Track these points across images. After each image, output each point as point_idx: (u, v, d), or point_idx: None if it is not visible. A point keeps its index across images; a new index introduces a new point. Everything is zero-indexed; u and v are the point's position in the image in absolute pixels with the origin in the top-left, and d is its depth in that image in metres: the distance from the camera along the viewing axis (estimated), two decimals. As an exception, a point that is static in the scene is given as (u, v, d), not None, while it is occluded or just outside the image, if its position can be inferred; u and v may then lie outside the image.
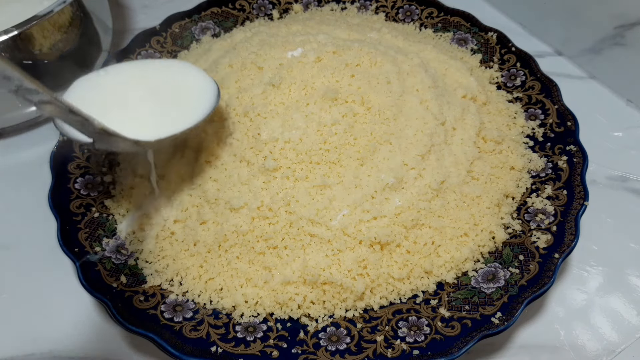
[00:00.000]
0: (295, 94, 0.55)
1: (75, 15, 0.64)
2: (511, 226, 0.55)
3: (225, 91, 0.57)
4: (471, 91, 0.61)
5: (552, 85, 0.63)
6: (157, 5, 0.84)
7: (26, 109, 0.66)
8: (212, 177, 0.53)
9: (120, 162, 0.61)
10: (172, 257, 0.53)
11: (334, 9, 0.74)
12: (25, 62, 0.62)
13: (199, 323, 0.49)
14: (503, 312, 0.48)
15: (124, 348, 0.54)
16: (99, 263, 0.52)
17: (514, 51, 0.66)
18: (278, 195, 0.51)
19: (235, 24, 0.73)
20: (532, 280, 0.49)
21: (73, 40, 0.65)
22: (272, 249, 0.51)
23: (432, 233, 0.52)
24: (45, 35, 0.61)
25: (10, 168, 0.67)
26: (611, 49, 0.70)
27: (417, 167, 0.53)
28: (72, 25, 0.64)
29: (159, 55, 0.70)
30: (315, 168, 0.52)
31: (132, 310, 0.49)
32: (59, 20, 0.61)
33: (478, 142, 0.58)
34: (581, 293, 0.56)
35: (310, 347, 0.48)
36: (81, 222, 0.55)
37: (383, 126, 0.54)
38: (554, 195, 0.55)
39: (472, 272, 0.52)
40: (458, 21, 0.71)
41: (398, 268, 0.51)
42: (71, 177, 0.58)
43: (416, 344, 0.47)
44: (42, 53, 0.62)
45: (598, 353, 0.52)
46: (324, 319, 0.50)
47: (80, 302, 0.56)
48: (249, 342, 0.48)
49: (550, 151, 0.59)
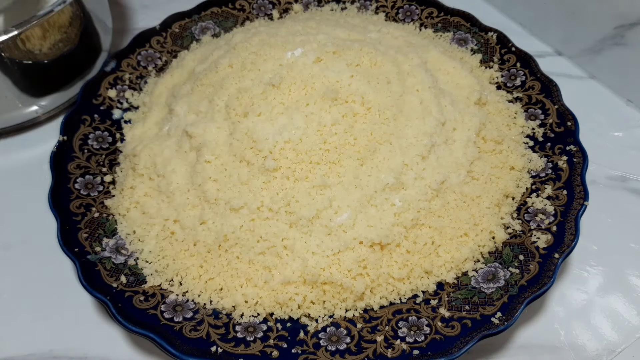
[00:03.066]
0: (295, 94, 0.55)
1: (75, 15, 0.64)
2: (511, 226, 0.55)
3: (225, 91, 0.57)
4: (471, 91, 0.61)
5: (552, 85, 0.63)
6: (157, 5, 0.84)
7: (27, 108, 0.66)
8: (212, 177, 0.53)
9: (121, 162, 0.61)
10: (172, 257, 0.53)
11: (334, 9, 0.74)
12: (25, 62, 0.62)
13: (199, 323, 0.49)
14: (503, 312, 0.48)
15: (124, 348, 0.54)
16: (99, 263, 0.52)
17: (514, 51, 0.66)
18: (278, 196, 0.51)
19: (235, 24, 0.73)
20: (532, 280, 0.49)
21: (73, 40, 0.65)
22: (272, 248, 0.51)
23: (432, 233, 0.52)
24: (45, 36, 0.61)
25: (10, 168, 0.67)
26: (611, 49, 0.70)
27: (417, 167, 0.53)
28: (72, 25, 0.64)
29: (159, 56, 0.70)
30: (315, 168, 0.52)
31: (132, 310, 0.49)
32: (59, 20, 0.61)
33: (478, 142, 0.58)
34: (581, 293, 0.56)
35: (310, 347, 0.48)
36: (81, 222, 0.55)
37: (383, 126, 0.54)
38: (554, 195, 0.55)
39: (472, 272, 0.52)
40: (458, 21, 0.71)
41: (398, 268, 0.51)
42: (71, 177, 0.58)
43: (416, 344, 0.47)
44: (42, 53, 0.62)
45: (598, 353, 0.52)
46: (324, 319, 0.50)
47: (80, 302, 0.56)
48: (249, 342, 0.48)
49: (550, 151, 0.59)
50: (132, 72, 0.68)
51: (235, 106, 0.55)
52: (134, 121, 0.65)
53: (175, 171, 0.55)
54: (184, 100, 0.59)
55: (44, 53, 0.62)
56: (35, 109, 0.67)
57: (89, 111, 0.64)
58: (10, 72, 0.61)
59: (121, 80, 0.67)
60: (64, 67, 0.66)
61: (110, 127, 0.64)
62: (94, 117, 0.64)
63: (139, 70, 0.68)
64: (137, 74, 0.68)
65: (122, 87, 0.67)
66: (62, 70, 0.66)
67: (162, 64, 0.70)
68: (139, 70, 0.68)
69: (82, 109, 0.63)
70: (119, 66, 0.67)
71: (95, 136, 0.62)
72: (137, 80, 0.68)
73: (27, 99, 0.66)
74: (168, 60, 0.70)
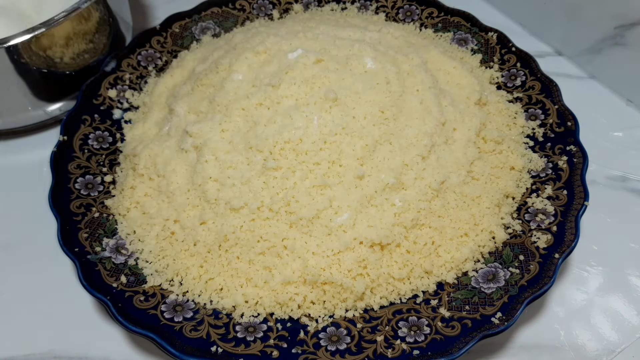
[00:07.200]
0: (295, 95, 0.55)
1: (103, 16, 0.65)
2: (511, 226, 0.55)
3: (226, 91, 0.57)
4: (471, 91, 0.61)
5: (552, 85, 0.63)
6: (157, 5, 0.84)
7: (36, 111, 0.66)
8: (212, 177, 0.53)
9: (121, 162, 0.61)
10: (172, 257, 0.53)
11: (334, 9, 0.74)
12: (51, 69, 0.62)
13: (199, 323, 0.49)
14: (503, 312, 0.48)
15: (124, 348, 0.54)
16: (99, 263, 0.52)
17: (514, 51, 0.66)
18: (278, 195, 0.51)
19: (235, 24, 0.73)
20: (532, 280, 0.49)
21: (101, 50, 0.67)
22: (272, 249, 0.51)
23: (432, 233, 0.52)
24: (68, 43, 0.61)
25: (10, 168, 0.67)
26: (611, 49, 0.70)
27: (417, 167, 0.53)
28: (101, 26, 0.65)
29: (159, 56, 0.70)
30: (315, 168, 0.52)
31: (132, 310, 0.49)
32: (87, 22, 0.62)
33: (478, 142, 0.58)
34: (581, 293, 0.56)
35: (311, 347, 0.48)
36: (81, 222, 0.55)
37: (383, 126, 0.54)
38: (554, 195, 0.55)
39: (472, 272, 0.52)
40: (458, 21, 0.71)
41: (398, 268, 0.51)
42: (71, 177, 0.58)
43: (416, 344, 0.47)
44: (63, 62, 0.63)
45: (598, 353, 0.52)
46: (324, 319, 0.50)
47: (80, 302, 0.56)
48: (249, 342, 0.48)
49: (550, 151, 0.59)
50: (133, 72, 0.68)
51: (235, 107, 0.55)
52: (134, 121, 0.65)
53: (175, 171, 0.55)
54: (184, 100, 0.59)
55: (65, 63, 0.63)
56: (44, 112, 0.67)
57: (89, 111, 0.64)
58: (27, 75, 0.62)
59: (121, 80, 0.67)
60: (84, 74, 0.66)
61: (111, 127, 0.64)
62: (94, 117, 0.64)
63: (139, 70, 0.68)
64: (138, 74, 0.68)
65: (122, 87, 0.67)
66: (81, 77, 0.66)
67: (163, 64, 0.70)
68: (139, 70, 0.68)
69: (82, 109, 0.63)
70: (119, 66, 0.67)
71: (96, 136, 0.62)
72: (138, 80, 0.68)
73: (37, 103, 0.66)
74: (168, 60, 0.70)
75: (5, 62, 0.59)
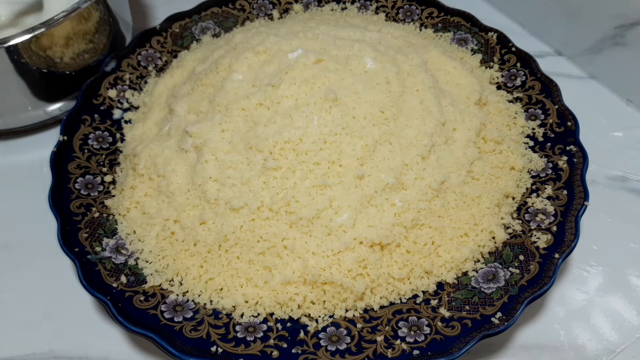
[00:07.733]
0: (295, 94, 0.55)
1: (103, 16, 0.64)
2: (511, 226, 0.55)
3: (226, 91, 0.57)
4: (471, 91, 0.61)
5: (552, 85, 0.63)
6: (157, 5, 0.84)
7: (36, 111, 0.66)
8: (212, 177, 0.53)
9: (121, 162, 0.61)
10: (172, 257, 0.53)
11: (334, 9, 0.74)
12: (52, 69, 0.62)
13: (199, 323, 0.49)
14: (503, 312, 0.48)
15: (124, 348, 0.54)
16: (99, 263, 0.52)
17: (514, 51, 0.66)
18: (278, 195, 0.51)
19: (235, 24, 0.73)
20: (532, 280, 0.49)
21: (101, 50, 0.67)
22: (272, 249, 0.51)
23: (432, 233, 0.52)
24: (68, 43, 0.61)
25: (10, 168, 0.67)
26: (611, 49, 0.70)
27: (417, 167, 0.53)
28: (101, 26, 0.65)
29: (159, 56, 0.70)
30: (315, 168, 0.52)
31: (132, 310, 0.49)
32: (87, 22, 0.62)
33: (478, 142, 0.58)
34: (581, 293, 0.56)
35: (311, 347, 0.48)
36: (81, 222, 0.55)
37: (383, 126, 0.54)
38: (554, 195, 0.55)
39: (472, 272, 0.52)
40: (458, 21, 0.71)
41: (398, 268, 0.51)
42: (71, 177, 0.58)
43: (416, 344, 0.47)
44: (64, 62, 0.63)
45: (598, 353, 0.52)
46: (324, 319, 0.50)
47: (80, 302, 0.56)
48: (249, 342, 0.48)
49: (550, 151, 0.59)
50: (133, 72, 0.68)
51: (235, 106, 0.55)
52: (134, 121, 0.65)
53: (175, 171, 0.55)
54: (184, 100, 0.59)
55: (65, 63, 0.63)
56: (44, 112, 0.67)
57: (89, 111, 0.64)
58: (27, 75, 0.62)
59: (121, 80, 0.67)
60: (84, 74, 0.66)
61: (111, 127, 0.64)
62: (94, 117, 0.64)
63: (139, 70, 0.68)
64: (138, 74, 0.68)
65: (122, 87, 0.67)
66: (81, 77, 0.66)
67: (162, 64, 0.70)
68: (139, 70, 0.68)
69: (82, 109, 0.63)
70: (119, 66, 0.67)
71: (96, 136, 0.62)
72: (138, 80, 0.68)
73: (37, 103, 0.66)
74: (168, 60, 0.70)
75: (5, 62, 0.59)
